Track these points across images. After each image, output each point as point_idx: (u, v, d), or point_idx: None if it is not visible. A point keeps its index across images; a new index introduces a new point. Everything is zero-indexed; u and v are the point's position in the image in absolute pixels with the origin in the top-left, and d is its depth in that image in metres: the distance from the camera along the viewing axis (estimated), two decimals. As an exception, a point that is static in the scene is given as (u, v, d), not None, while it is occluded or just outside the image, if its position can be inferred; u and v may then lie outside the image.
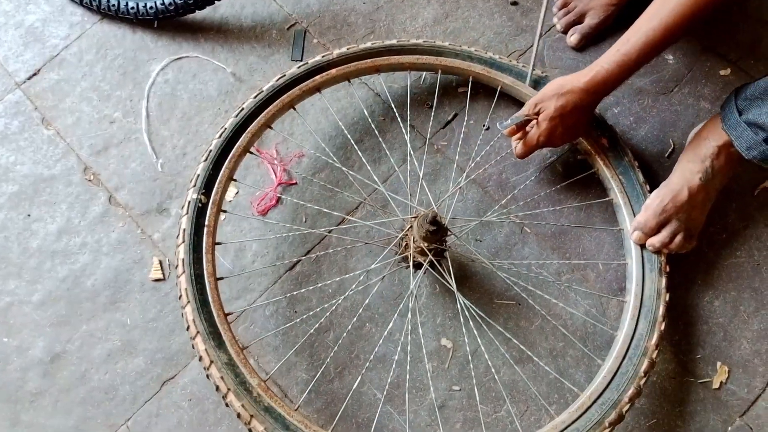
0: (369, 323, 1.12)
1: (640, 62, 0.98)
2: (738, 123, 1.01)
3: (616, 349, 1.00)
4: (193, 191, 1.05)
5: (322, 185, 1.21)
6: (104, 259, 1.19)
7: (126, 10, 1.32)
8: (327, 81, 1.17)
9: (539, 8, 1.35)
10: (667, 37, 0.95)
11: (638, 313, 1.01)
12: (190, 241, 1.01)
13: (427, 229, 0.97)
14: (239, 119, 1.10)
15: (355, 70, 1.18)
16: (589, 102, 1.04)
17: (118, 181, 1.24)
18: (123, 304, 1.15)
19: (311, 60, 1.16)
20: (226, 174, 1.07)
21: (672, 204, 1.06)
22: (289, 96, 1.14)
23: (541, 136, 1.06)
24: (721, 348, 1.09)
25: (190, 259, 1.00)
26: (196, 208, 1.04)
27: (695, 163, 1.07)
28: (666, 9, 0.93)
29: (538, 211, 1.18)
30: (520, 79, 1.20)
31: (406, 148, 1.23)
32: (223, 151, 1.08)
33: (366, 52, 1.18)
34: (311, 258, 1.16)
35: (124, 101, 1.30)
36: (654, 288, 1.03)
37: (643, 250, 1.07)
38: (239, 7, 1.37)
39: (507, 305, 1.12)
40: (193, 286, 0.98)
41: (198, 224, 1.03)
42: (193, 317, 0.96)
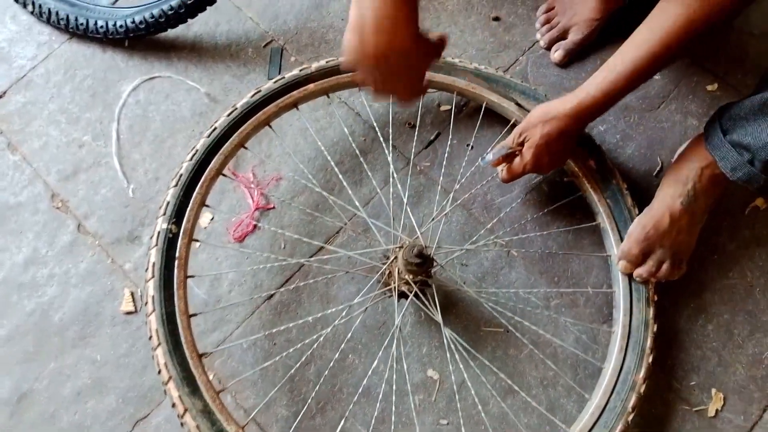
0: (352, 354, 1.08)
1: (626, 90, 0.95)
2: (722, 143, 0.98)
3: (604, 383, 0.96)
4: (163, 220, 0.99)
5: (301, 209, 1.17)
6: (73, 291, 1.13)
7: (95, 29, 1.27)
8: (305, 96, 1.11)
9: (522, 23, 1.31)
10: (655, 65, 0.92)
11: (626, 344, 0.98)
12: (160, 276, 0.96)
13: (412, 262, 0.92)
14: (212, 139, 1.05)
15: (335, 84, 1.13)
16: (575, 128, 1.01)
17: (87, 208, 1.18)
18: (93, 339, 1.10)
19: (288, 74, 1.11)
20: (198, 200, 1.02)
21: (654, 231, 1.02)
22: (265, 113, 1.08)
23: (527, 164, 1.03)
24: (715, 374, 1.06)
25: (161, 296, 0.95)
26: (167, 239, 0.98)
27: (676, 186, 1.04)
28: (654, 37, 0.90)
29: (525, 236, 1.14)
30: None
31: (388, 169, 1.19)
32: (194, 175, 1.03)
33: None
34: (291, 287, 1.12)
35: (93, 124, 1.25)
36: (642, 318, 1.00)
37: (630, 278, 1.03)
38: (213, 24, 1.32)
39: (495, 333, 1.08)
40: (164, 326, 0.93)
41: (168, 257, 0.97)
42: (165, 361, 0.91)
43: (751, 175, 0.96)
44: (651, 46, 0.90)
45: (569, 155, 1.08)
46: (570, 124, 0.99)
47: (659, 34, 0.89)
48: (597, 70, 1.23)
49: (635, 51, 0.92)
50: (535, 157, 1.02)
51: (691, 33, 0.87)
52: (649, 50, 0.90)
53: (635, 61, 0.92)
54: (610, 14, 1.25)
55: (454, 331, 1.07)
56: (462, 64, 1.16)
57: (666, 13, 0.89)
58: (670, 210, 1.03)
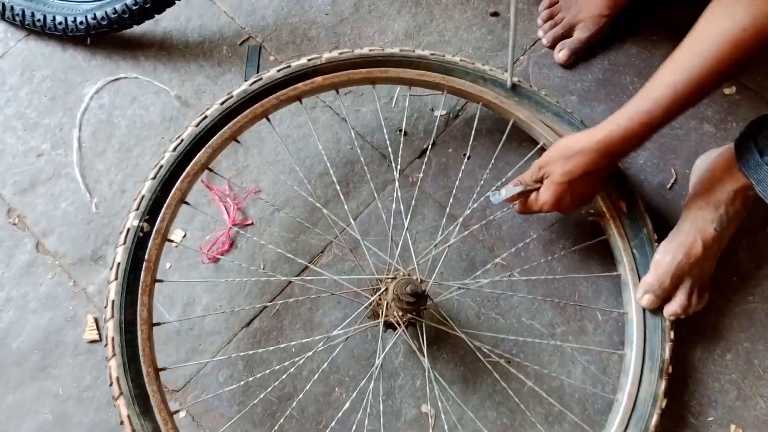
0: (338, 388, 0.98)
1: (664, 120, 0.82)
2: (759, 165, 0.87)
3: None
4: (135, 216, 0.88)
5: (282, 226, 1.06)
6: (32, 316, 1.03)
7: (54, 26, 1.15)
8: (312, 89, 0.99)
9: (523, 19, 1.21)
10: (697, 92, 0.79)
11: (629, 418, 0.89)
12: (124, 279, 0.85)
13: (404, 299, 0.83)
14: (201, 129, 0.93)
15: (345, 80, 1.01)
16: (603, 166, 0.88)
17: (46, 225, 1.07)
18: (54, 370, 1.00)
19: (295, 63, 0.99)
20: (177, 196, 0.90)
21: (686, 260, 0.93)
22: (263, 105, 0.97)
23: (546, 204, 0.92)
24: (734, 408, 0.97)
25: (122, 301, 0.84)
26: (136, 238, 0.87)
27: (708, 210, 0.94)
28: (698, 59, 0.77)
29: (529, 260, 1.05)
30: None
31: (377, 180, 1.09)
32: (176, 168, 0.92)
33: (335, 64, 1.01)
34: (271, 312, 1.02)
35: (53, 130, 1.13)
36: (651, 392, 0.90)
37: (646, 345, 0.92)
38: (184, 19, 1.21)
39: (495, 363, 0.99)
40: (121, 334, 0.83)
41: (136, 258, 0.86)
42: (118, 375, 0.81)
43: None
44: (692, 69, 0.77)
45: (596, 194, 0.97)
46: (597, 161, 0.87)
47: (703, 53, 0.76)
48: (605, 71, 1.15)
49: (674, 74, 0.79)
50: (555, 197, 0.90)
51: (743, 51, 0.74)
52: (690, 74, 0.78)
53: (676, 86, 0.79)
54: (620, 9, 1.14)
55: (451, 361, 0.98)
56: (492, 73, 1.04)
57: (716, 22, 0.76)
58: (703, 236, 0.93)
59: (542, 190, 0.92)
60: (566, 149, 0.89)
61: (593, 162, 0.87)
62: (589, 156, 0.87)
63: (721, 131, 1.11)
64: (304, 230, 1.06)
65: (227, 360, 0.99)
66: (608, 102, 1.14)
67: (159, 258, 0.89)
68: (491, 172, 1.08)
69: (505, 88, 1.04)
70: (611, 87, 1.15)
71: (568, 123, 1.03)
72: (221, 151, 0.96)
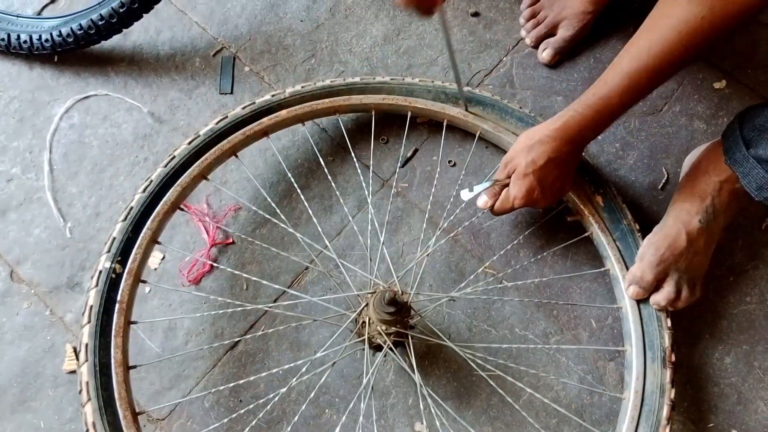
0: (329, 409, 0.95)
1: (621, 107, 0.83)
2: (746, 158, 0.85)
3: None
4: (106, 258, 0.87)
5: (264, 244, 1.03)
6: (9, 348, 0.99)
7: (19, 45, 1.11)
8: (277, 124, 1.00)
9: (504, 19, 1.17)
10: (653, 80, 0.80)
11: (638, 414, 0.86)
12: (97, 322, 0.83)
13: (385, 311, 0.80)
14: (169, 170, 0.94)
15: (308, 112, 1.01)
16: (566, 153, 0.88)
17: (20, 252, 1.04)
18: (34, 403, 0.97)
19: (258, 100, 0.99)
20: (149, 236, 0.91)
21: (669, 252, 0.90)
22: (230, 142, 0.97)
23: (516, 198, 0.91)
24: (735, 413, 0.95)
25: (96, 344, 0.82)
26: (108, 280, 0.86)
27: (693, 202, 0.92)
28: (656, 47, 0.77)
29: (518, 266, 1.01)
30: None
31: (360, 192, 1.06)
32: (146, 209, 0.92)
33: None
34: (256, 334, 0.98)
35: (22, 154, 1.09)
36: (657, 383, 0.87)
37: (644, 337, 0.90)
38: (154, 32, 1.17)
39: (489, 376, 0.95)
40: (96, 378, 0.81)
41: (109, 299, 0.85)
42: (93, 420, 0.79)
43: None
44: (649, 57, 0.77)
45: (567, 187, 0.95)
46: (557, 147, 0.87)
47: (660, 41, 0.76)
48: (591, 69, 1.12)
49: (630, 62, 0.80)
50: (524, 190, 0.90)
51: (701, 39, 0.74)
52: (647, 62, 0.78)
53: (630, 74, 0.80)
54: (604, 5, 1.11)
55: (444, 377, 0.95)
56: (452, 88, 1.04)
57: (668, 14, 0.75)
58: (687, 228, 0.91)
59: (511, 184, 0.91)
60: (527, 140, 0.90)
61: (554, 149, 0.87)
62: (549, 144, 0.88)
63: (712, 127, 1.08)
64: (286, 247, 1.02)
65: (212, 385, 0.96)
66: (595, 101, 1.10)
67: (132, 299, 0.88)
68: (477, 178, 1.05)
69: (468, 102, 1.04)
70: (597, 85, 1.12)
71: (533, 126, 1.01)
72: (191, 189, 0.97)
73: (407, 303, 0.85)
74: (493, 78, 1.13)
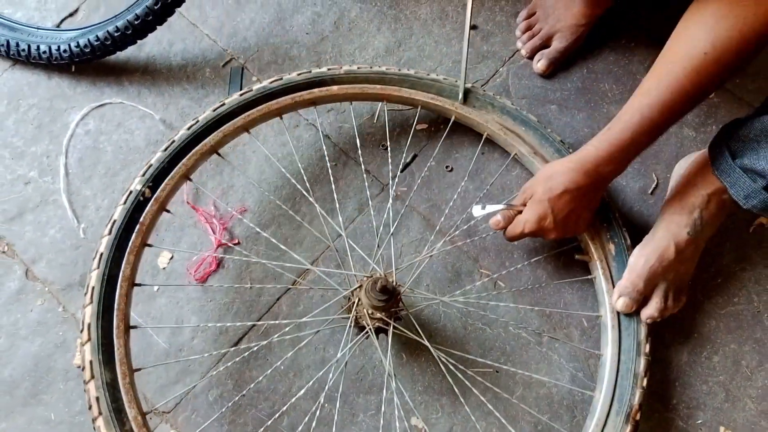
0: (329, 404, 0.98)
1: (635, 143, 0.84)
2: (732, 168, 0.87)
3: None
4: (139, 182, 0.93)
5: (268, 244, 1.07)
6: (22, 343, 1.03)
7: (38, 55, 1.16)
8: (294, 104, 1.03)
9: (501, 31, 1.22)
10: (664, 115, 0.81)
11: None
12: (116, 236, 0.89)
13: (376, 297, 0.83)
14: (168, 153, 0.97)
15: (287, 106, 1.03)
16: (583, 186, 0.89)
17: (35, 252, 1.08)
18: (45, 396, 1.00)
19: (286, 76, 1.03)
20: (182, 171, 0.96)
21: (659, 264, 0.93)
22: (244, 119, 1.00)
23: (527, 222, 0.93)
24: (723, 410, 0.97)
25: (109, 255, 0.88)
26: (136, 201, 0.92)
27: (682, 215, 0.95)
28: (663, 83, 0.79)
29: (514, 271, 1.05)
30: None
31: (361, 196, 1.10)
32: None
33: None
34: (259, 330, 1.02)
35: (40, 158, 1.14)
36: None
37: (616, 388, 0.91)
38: (167, 44, 1.22)
39: (483, 373, 0.99)
40: (102, 286, 0.86)
41: (132, 219, 0.91)
42: (90, 321, 0.85)
43: (767, 202, 0.86)
44: (658, 92, 0.79)
45: (582, 225, 0.96)
46: (575, 180, 0.88)
47: (667, 77, 0.78)
48: (584, 79, 1.17)
49: (641, 98, 0.81)
50: (536, 217, 0.92)
51: (706, 75, 0.75)
52: (656, 97, 0.79)
53: (642, 110, 0.81)
54: (596, 18, 1.15)
55: (439, 373, 0.98)
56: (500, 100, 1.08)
57: (675, 50, 0.77)
58: (676, 240, 0.94)
59: (525, 209, 0.93)
60: (548, 171, 0.93)
61: (571, 180, 0.89)
62: (567, 175, 0.89)
63: (701, 134, 1.12)
64: (290, 247, 1.06)
65: (217, 380, 1.00)
66: (588, 110, 1.15)
67: (153, 224, 0.94)
68: (473, 183, 1.09)
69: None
70: (590, 95, 1.16)
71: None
72: (232, 138, 1.01)
73: (398, 295, 0.88)
74: (490, 87, 1.17)
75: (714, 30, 0.73)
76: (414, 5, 1.25)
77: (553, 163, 0.94)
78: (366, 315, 0.87)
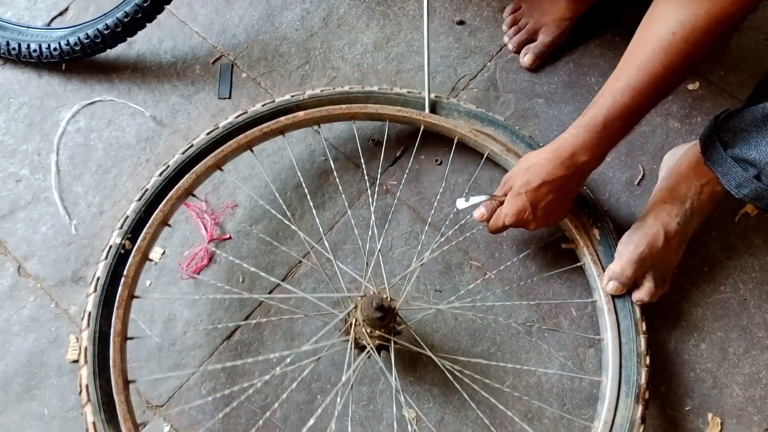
0: (320, 395, 0.99)
1: (608, 128, 0.84)
2: (724, 159, 0.89)
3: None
4: (118, 235, 0.93)
5: (260, 239, 1.08)
6: (15, 340, 1.04)
7: (29, 54, 1.17)
8: (294, 124, 1.04)
9: (488, 26, 1.23)
10: (639, 100, 0.80)
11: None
12: (102, 292, 0.89)
13: (372, 315, 0.83)
14: (163, 179, 0.98)
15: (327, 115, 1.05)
16: (561, 177, 0.88)
17: (27, 249, 1.09)
18: (38, 392, 1.01)
19: (278, 99, 1.04)
20: (160, 218, 0.96)
21: (648, 250, 0.94)
22: (215, 156, 1.01)
23: (507, 215, 0.93)
24: (711, 397, 0.98)
25: (98, 313, 0.88)
26: (117, 254, 0.92)
27: (673, 204, 0.96)
28: (633, 65, 0.79)
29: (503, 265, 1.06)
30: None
31: (351, 191, 1.11)
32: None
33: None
34: (251, 324, 1.03)
35: (31, 156, 1.15)
36: (628, 417, 0.89)
37: (621, 370, 0.92)
38: (157, 41, 1.23)
39: (474, 364, 1.00)
40: (95, 345, 0.86)
41: (116, 273, 0.91)
42: (87, 383, 0.84)
43: (759, 191, 0.87)
44: (630, 76, 0.79)
45: (562, 213, 0.97)
46: (552, 171, 0.88)
47: (639, 59, 0.78)
48: (571, 73, 1.18)
49: (614, 81, 0.81)
50: (515, 209, 0.92)
51: (676, 55, 0.75)
52: (628, 80, 0.79)
53: (614, 93, 0.81)
54: (581, 13, 1.17)
55: (430, 362, 0.99)
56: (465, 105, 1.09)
57: (647, 32, 0.77)
58: (666, 229, 0.95)
59: (505, 202, 0.93)
60: (525, 162, 0.92)
61: (548, 172, 0.88)
62: (545, 167, 0.88)
63: (686, 126, 1.14)
64: (281, 242, 1.07)
65: (210, 373, 1.00)
66: (575, 103, 1.16)
67: (138, 275, 0.93)
68: (463, 175, 1.10)
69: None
70: (577, 88, 1.17)
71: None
72: (205, 178, 1.01)
73: (394, 310, 0.88)
74: (477, 82, 1.18)
75: (683, 10, 0.74)
76: (402, 1, 1.26)
77: (530, 155, 0.92)
78: (365, 334, 0.87)
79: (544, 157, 0.89)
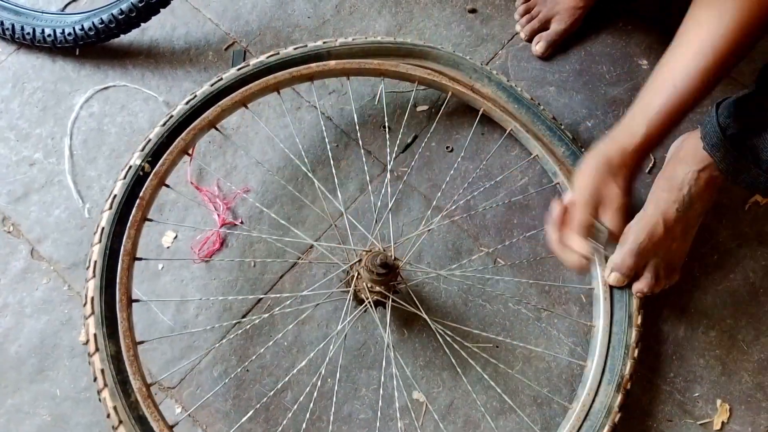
0: (331, 378, 1.00)
1: (655, 136, 0.76)
2: (722, 143, 0.89)
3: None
4: (138, 157, 0.93)
5: (271, 223, 1.08)
6: (28, 321, 1.04)
7: (43, 38, 1.17)
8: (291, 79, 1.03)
9: (500, 14, 1.23)
10: (682, 108, 0.74)
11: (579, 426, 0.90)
12: (117, 210, 0.90)
13: (375, 271, 0.85)
14: (189, 107, 0.98)
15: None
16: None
17: (40, 232, 1.10)
18: (51, 373, 1.02)
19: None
20: (181, 145, 0.96)
21: (648, 240, 0.94)
22: (242, 93, 1.00)
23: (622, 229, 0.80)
24: (720, 383, 0.99)
25: (110, 230, 0.89)
26: (136, 176, 0.92)
27: (671, 191, 0.96)
28: (676, 73, 0.72)
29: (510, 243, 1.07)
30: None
31: (362, 176, 1.11)
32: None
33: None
34: (263, 306, 1.04)
35: (45, 140, 1.16)
36: (606, 403, 0.90)
37: (607, 358, 0.93)
38: (170, 28, 1.24)
39: (483, 348, 1.00)
40: (104, 260, 0.87)
41: (132, 193, 0.92)
42: (93, 295, 0.86)
43: (755, 178, 0.87)
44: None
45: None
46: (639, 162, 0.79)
47: (684, 67, 0.72)
48: (582, 61, 1.18)
49: (651, 95, 0.74)
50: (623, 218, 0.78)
51: (738, 50, 0.70)
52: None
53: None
54: (594, 1, 1.17)
55: (440, 348, 0.99)
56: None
57: (702, 19, 0.71)
58: (665, 217, 0.95)
59: (608, 219, 0.78)
60: (606, 166, 0.77)
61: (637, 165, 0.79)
62: (634, 161, 0.78)
63: (696, 114, 1.13)
64: (293, 226, 1.08)
65: (221, 356, 1.01)
66: (586, 91, 1.16)
67: (153, 199, 0.94)
68: (473, 163, 1.10)
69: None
70: (588, 77, 1.18)
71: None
72: (230, 113, 1.01)
73: (397, 268, 0.89)
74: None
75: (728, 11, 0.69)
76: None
77: (601, 158, 0.77)
78: (365, 288, 0.89)
79: (629, 153, 0.77)
